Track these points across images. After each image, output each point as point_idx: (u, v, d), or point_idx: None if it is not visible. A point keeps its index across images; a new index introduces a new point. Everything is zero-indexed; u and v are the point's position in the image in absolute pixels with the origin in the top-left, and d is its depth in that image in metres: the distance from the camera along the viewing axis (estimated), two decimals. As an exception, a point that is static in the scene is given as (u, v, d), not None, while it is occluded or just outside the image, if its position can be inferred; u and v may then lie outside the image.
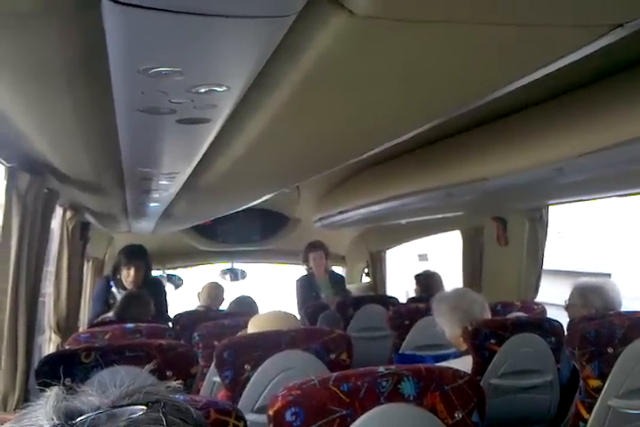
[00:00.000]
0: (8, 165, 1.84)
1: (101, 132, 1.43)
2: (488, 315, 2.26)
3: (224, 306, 4.08)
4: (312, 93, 1.10)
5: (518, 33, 0.87)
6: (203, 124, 1.21)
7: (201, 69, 0.90)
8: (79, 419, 0.56)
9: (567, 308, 2.67)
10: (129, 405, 0.59)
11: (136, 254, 3.66)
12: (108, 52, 0.84)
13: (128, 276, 3.59)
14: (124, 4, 0.66)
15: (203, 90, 0.97)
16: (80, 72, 1.00)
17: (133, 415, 0.57)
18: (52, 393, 0.59)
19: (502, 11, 0.81)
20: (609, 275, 6.78)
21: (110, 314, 3.29)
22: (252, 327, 2.13)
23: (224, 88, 0.97)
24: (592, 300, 2.54)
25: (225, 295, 4.25)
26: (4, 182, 1.86)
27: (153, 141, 1.43)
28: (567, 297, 2.69)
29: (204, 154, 1.60)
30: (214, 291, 4.20)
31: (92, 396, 0.60)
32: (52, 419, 0.56)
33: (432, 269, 4.37)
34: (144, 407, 0.58)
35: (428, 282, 4.07)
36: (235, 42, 0.80)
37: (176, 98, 1.02)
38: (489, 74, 1.09)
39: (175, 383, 0.66)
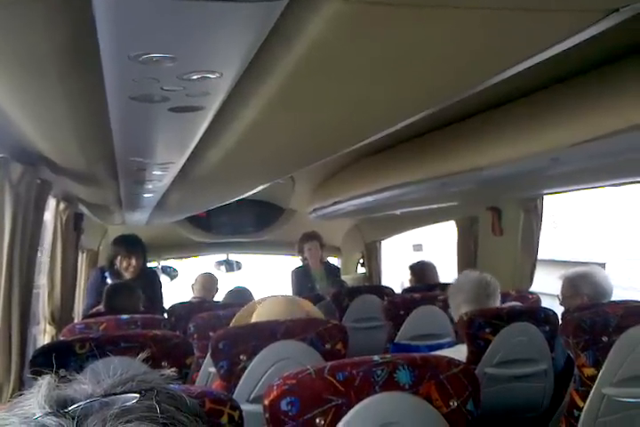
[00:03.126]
0: (0, 155, 1.83)
1: (93, 121, 1.42)
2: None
3: (219, 297, 4.08)
4: (305, 80, 1.09)
5: (513, 18, 0.87)
6: (195, 112, 1.20)
7: (193, 56, 0.89)
8: (71, 407, 0.56)
9: (561, 300, 2.69)
10: (122, 393, 0.58)
11: (135, 244, 3.69)
12: (98, 38, 0.83)
13: (129, 265, 3.62)
14: (113, -13, 0.65)
15: (195, 77, 0.96)
16: (70, 59, 0.99)
17: (127, 404, 0.56)
18: (45, 382, 0.59)
19: (497, -5, 0.80)
20: (603, 264, 6.81)
21: (103, 305, 3.28)
22: (260, 314, 2.12)
23: (216, 75, 0.96)
24: (581, 287, 2.56)
25: (219, 286, 4.25)
26: (-4, 173, 1.85)
27: (145, 130, 1.42)
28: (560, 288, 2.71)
29: (198, 143, 1.59)
30: (208, 282, 4.19)
31: (84, 384, 0.60)
32: (44, 407, 0.56)
33: (427, 258, 4.38)
34: (137, 395, 0.57)
35: (422, 272, 4.07)
36: (227, 27, 0.78)
37: (168, 85, 1.00)
38: (484, 60, 1.08)
39: (169, 372, 0.66)
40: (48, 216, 2.75)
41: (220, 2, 0.70)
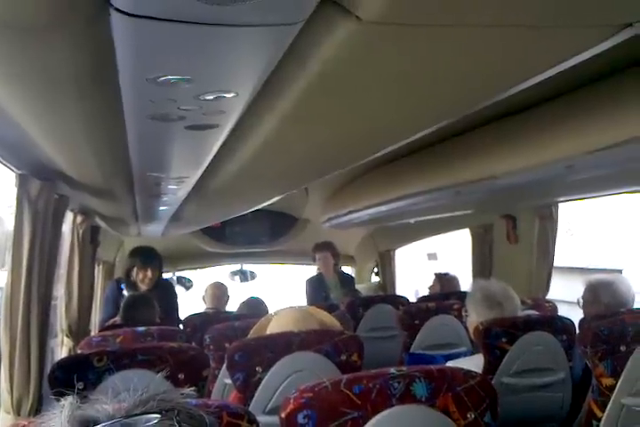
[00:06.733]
0: (19, 171, 1.85)
1: (111, 139, 1.44)
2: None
3: (233, 307, 4.08)
4: (319, 98, 1.10)
5: (527, 34, 0.87)
6: (211, 129, 1.21)
7: (209, 77, 0.90)
8: None
9: (582, 305, 2.66)
10: (143, 413, 0.59)
11: (151, 256, 3.71)
12: (117, 61, 0.85)
13: (145, 277, 3.64)
14: (132, 15, 0.67)
15: (211, 97, 0.98)
16: (90, 81, 1.00)
17: (148, 424, 0.57)
18: (67, 402, 0.60)
19: (510, 13, 0.80)
20: (620, 271, 6.74)
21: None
22: (275, 326, 2.12)
23: (232, 94, 0.98)
24: (601, 296, 2.52)
25: (230, 293, 4.23)
26: (16, 189, 1.87)
27: (162, 147, 1.44)
28: (579, 294, 2.68)
29: (213, 158, 1.61)
30: (218, 291, 4.17)
31: (105, 404, 0.61)
32: None
33: (442, 267, 4.36)
34: (158, 415, 0.59)
35: (448, 282, 4.07)
36: (242, 49, 0.80)
37: (185, 105, 1.02)
38: (499, 75, 1.09)
39: (189, 390, 0.66)
40: (65, 229, 2.78)
41: (235, 26, 0.72)
